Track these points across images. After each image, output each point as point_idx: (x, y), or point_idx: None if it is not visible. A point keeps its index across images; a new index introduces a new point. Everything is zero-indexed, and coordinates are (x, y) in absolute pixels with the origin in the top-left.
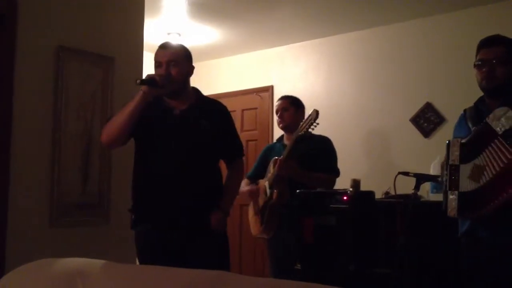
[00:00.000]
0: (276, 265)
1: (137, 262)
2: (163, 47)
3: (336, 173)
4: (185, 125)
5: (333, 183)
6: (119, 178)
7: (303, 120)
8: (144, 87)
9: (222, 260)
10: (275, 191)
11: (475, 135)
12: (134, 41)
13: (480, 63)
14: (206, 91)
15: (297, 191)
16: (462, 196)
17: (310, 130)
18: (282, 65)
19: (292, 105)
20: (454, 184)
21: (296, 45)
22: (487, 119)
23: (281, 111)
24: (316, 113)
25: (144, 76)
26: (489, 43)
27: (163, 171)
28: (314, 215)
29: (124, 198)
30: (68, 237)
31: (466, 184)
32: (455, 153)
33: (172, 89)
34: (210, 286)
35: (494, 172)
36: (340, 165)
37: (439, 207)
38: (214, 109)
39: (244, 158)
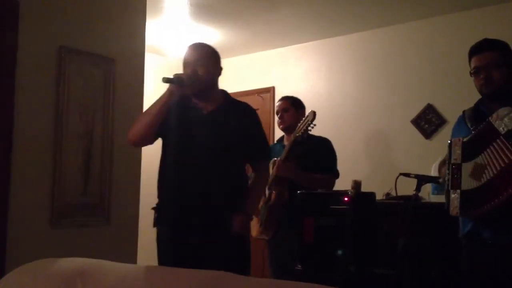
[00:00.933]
0: (276, 266)
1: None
2: (192, 47)
3: (335, 174)
4: (213, 126)
5: (332, 184)
6: (120, 178)
7: (301, 122)
8: (170, 86)
9: (241, 263)
10: (273, 192)
11: (477, 133)
12: (135, 42)
13: (476, 70)
14: None
15: (298, 192)
16: (464, 195)
17: (308, 131)
18: (284, 66)
19: (292, 106)
20: (456, 182)
21: (298, 46)
22: (490, 118)
23: (282, 112)
24: (313, 114)
25: (161, 76)
26: (480, 49)
27: (188, 171)
28: (315, 216)
29: (125, 199)
30: (68, 237)
31: (468, 182)
32: (457, 151)
33: (199, 88)
34: (210, 287)
35: (494, 171)
36: (341, 166)
37: (440, 208)
38: (242, 110)
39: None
